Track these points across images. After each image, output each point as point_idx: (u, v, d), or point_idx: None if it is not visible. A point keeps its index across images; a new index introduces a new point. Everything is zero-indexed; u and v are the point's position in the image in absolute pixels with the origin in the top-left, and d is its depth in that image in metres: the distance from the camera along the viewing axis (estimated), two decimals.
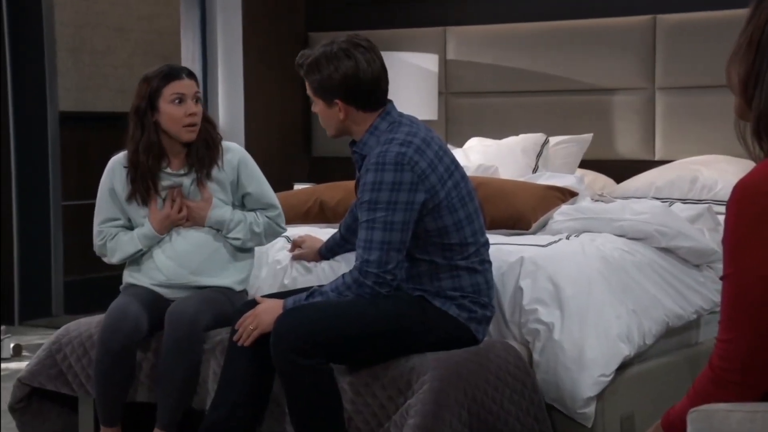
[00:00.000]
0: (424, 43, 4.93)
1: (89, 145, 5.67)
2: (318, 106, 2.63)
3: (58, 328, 3.07)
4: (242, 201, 2.93)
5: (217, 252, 2.90)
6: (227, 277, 2.91)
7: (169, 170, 2.88)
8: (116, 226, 2.91)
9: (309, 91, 2.63)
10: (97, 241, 2.93)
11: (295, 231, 3.31)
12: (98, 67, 5.94)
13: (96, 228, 2.93)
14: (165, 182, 2.88)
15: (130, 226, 2.91)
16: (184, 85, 2.83)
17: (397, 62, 4.51)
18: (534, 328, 2.82)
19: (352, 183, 3.27)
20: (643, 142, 4.54)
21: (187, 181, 2.89)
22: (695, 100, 4.42)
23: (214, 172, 2.88)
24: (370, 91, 2.59)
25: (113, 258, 2.91)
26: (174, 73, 2.84)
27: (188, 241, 2.88)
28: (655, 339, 2.98)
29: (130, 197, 2.87)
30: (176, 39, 5.28)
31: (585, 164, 4.45)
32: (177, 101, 2.82)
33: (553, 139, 4.44)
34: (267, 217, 2.93)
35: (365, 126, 2.61)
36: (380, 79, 2.60)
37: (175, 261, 2.88)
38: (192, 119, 2.83)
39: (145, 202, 2.86)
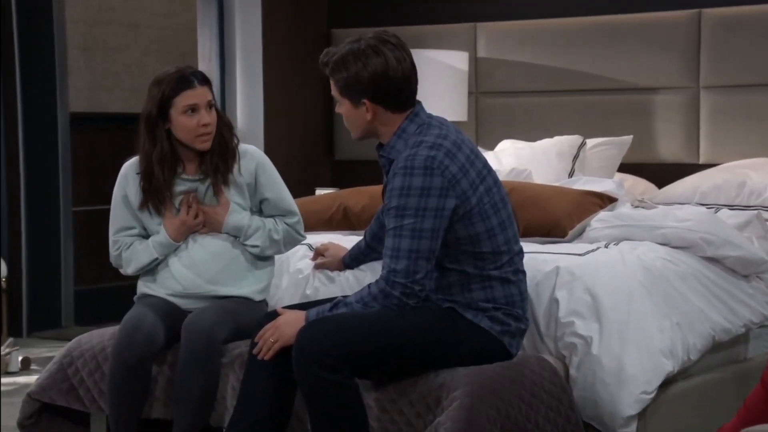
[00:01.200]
0: (453, 39, 4.94)
1: (101, 147, 5.72)
2: (343, 107, 2.65)
3: (68, 340, 3.09)
4: (260, 207, 2.95)
5: (235, 260, 2.92)
6: (246, 286, 2.93)
7: (184, 175, 2.90)
8: (131, 235, 2.94)
9: (334, 91, 2.64)
10: (112, 251, 2.95)
11: (318, 238, 3.32)
12: (111, 66, 5.98)
13: (111, 238, 2.95)
14: (180, 187, 2.90)
15: (146, 235, 2.94)
16: (196, 95, 2.84)
17: (424, 60, 4.52)
18: (571, 341, 2.81)
19: (377, 188, 3.28)
20: (687, 145, 4.53)
21: (203, 186, 2.91)
22: (742, 100, 4.40)
23: (232, 176, 2.89)
24: (399, 90, 2.60)
25: (129, 269, 2.93)
26: (186, 81, 2.84)
27: (205, 249, 2.90)
28: (701, 354, 2.97)
29: (142, 206, 2.89)
30: (192, 36, 5.32)
31: (624, 168, 4.44)
32: (189, 111, 2.84)
33: (591, 142, 4.43)
34: (286, 224, 2.95)
35: (393, 128, 2.63)
36: (410, 78, 2.61)
37: (192, 270, 2.90)
38: (205, 129, 2.85)
39: (159, 211, 2.88)
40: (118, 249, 2.94)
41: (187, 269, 2.89)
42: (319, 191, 4.63)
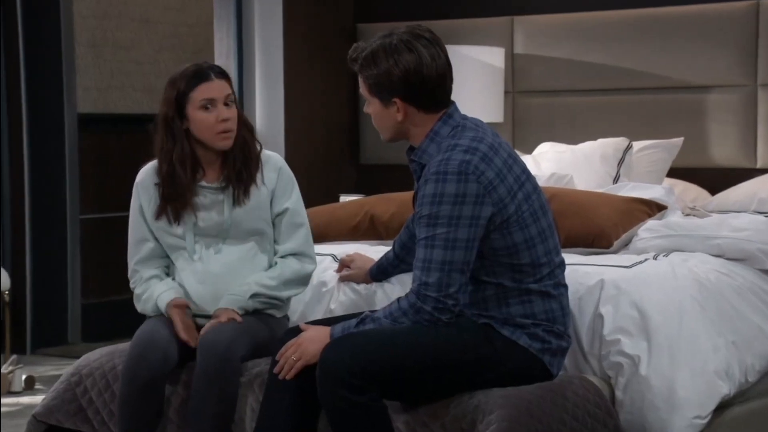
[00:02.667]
0: (488, 35, 4.94)
1: (111, 150, 5.75)
2: (373, 106, 2.65)
3: (75, 357, 3.12)
4: (273, 223, 2.94)
5: (255, 272, 2.92)
6: None
7: (204, 183, 2.92)
8: (148, 258, 2.92)
9: (363, 89, 2.65)
10: (130, 278, 2.97)
11: (343, 249, 3.33)
12: (121, 64, 6.02)
13: (130, 261, 2.94)
14: (200, 197, 2.91)
15: (161, 251, 2.94)
16: (213, 88, 2.85)
17: (457, 57, 4.49)
18: (616, 361, 2.80)
19: (407, 195, 3.28)
20: (743, 147, 4.50)
21: (222, 196, 2.91)
22: None
23: (255, 185, 2.90)
24: (433, 89, 2.60)
25: (137, 304, 2.95)
26: (201, 74, 2.85)
27: (223, 260, 2.91)
28: (760, 376, 2.95)
29: (160, 214, 2.90)
30: (208, 32, 5.35)
31: (675, 173, 4.42)
32: (207, 106, 2.85)
33: (637, 144, 4.42)
34: (292, 254, 2.92)
35: (425, 129, 2.63)
36: (445, 77, 2.62)
37: (208, 285, 2.90)
38: (225, 125, 2.86)
39: (178, 218, 2.89)
40: (134, 282, 2.96)
41: (203, 285, 2.90)
42: (344, 198, 4.64)
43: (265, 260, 2.95)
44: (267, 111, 5.04)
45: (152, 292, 2.91)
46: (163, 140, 2.87)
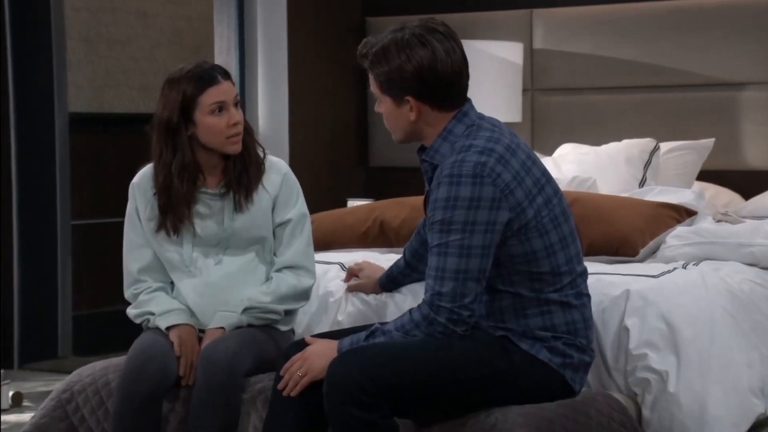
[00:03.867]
0: (505, 28, 4.94)
1: (105, 152, 5.77)
2: (384, 105, 2.66)
3: (67, 372, 3.13)
4: (273, 234, 2.94)
5: (257, 282, 2.93)
6: None
7: (204, 189, 2.92)
8: (153, 266, 2.92)
9: (374, 87, 2.66)
10: (130, 288, 2.94)
11: (351, 257, 3.34)
12: (116, 60, 6.04)
13: (131, 270, 2.93)
14: (200, 206, 2.91)
15: (158, 263, 2.95)
16: (223, 91, 2.86)
17: (472, 52, 4.47)
18: (643, 377, 2.80)
19: (419, 199, 3.29)
20: None
21: (223, 203, 2.91)
22: None
23: (257, 191, 2.90)
24: (448, 86, 2.61)
25: (132, 310, 2.93)
26: (209, 76, 2.85)
27: (223, 273, 2.90)
28: None
29: (160, 228, 2.90)
30: (208, 26, 5.36)
31: (705, 176, 4.42)
32: (217, 111, 2.85)
33: (665, 146, 4.41)
34: (288, 267, 2.92)
35: (439, 128, 2.64)
36: (461, 73, 2.62)
37: (208, 298, 2.91)
38: (236, 129, 2.87)
39: (177, 230, 2.90)
40: (137, 288, 2.93)
41: (202, 298, 2.91)
42: (352, 202, 4.65)
43: (268, 270, 2.96)
44: (270, 110, 5.05)
45: (163, 299, 2.90)
46: (162, 149, 2.87)
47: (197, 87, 2.84)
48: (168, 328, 2.86)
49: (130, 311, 2.96)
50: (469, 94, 2.69)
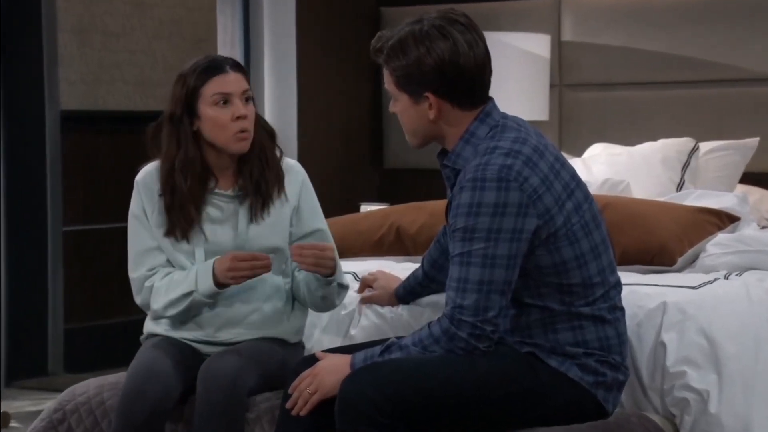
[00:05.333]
0: (531, 19, 4.95)
1: (100, 153, 5.78)
2: (400, 104, 2.66)
3: (58, 390, 3.14)
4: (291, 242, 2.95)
5: (273, 295, 2.94)
6: (278, 325, 2.96)
7: (218, 190, 2.93)
8: (164, 265, 2.91)
9: (389, 84, 2.66)
10: (138, 283, 2.91)
11: (365, 266, 3.35)
12: (111, 53, 6.05)
13: (135, 271, 2.91)
14: (212, 209, 2.92)
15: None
16: (228, 81, 2.87)
17: (495, 45, 4.47)
18: (682, 397, 2.80)
19: (440, 204, 3.30)
20: None
21: (239, 207, 2.92)
22: None
23: (273, 200, 2.90)
24: (471, 81, 2.62)
25: (156, 304, 2.88)
26: (215, 66, 2.87)
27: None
28: None
29: (168, 233, 2.89)
30: (210, 17, 5.38)
31: (748, 178, 4.41)
32: (221, 102, 2.87)
33: (705, 146, 4.41)
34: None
35: (460, 129, 2.65)
36: (484, 68, 2.63)
37: (219, 309, 2.91)
38: (242, 124, 2.87)
39: (186, 236, 2.90)
40: (151, 281, 2.90)
41: (213, 309, 2.91)
42: (366, 207, 4.65)
43: (281, 282, 2.97)
44: (277, 108, 5.06)
45: (181, 274, 2.87)
46: (168, 142, 2.88)
47: (201, 77, 2.86)
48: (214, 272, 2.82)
49: (155, 306, 2.88)
50: (492, 91, 2.70)
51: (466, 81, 2.61)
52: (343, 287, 2.96)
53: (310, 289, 2.93)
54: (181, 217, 2.88)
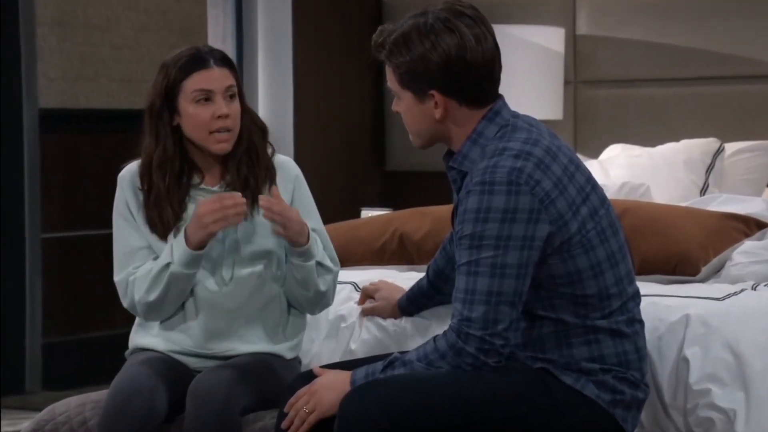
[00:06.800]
0: (544, 11, 4.95)
1: (81, 155, 5.79)
2: (404, 102, 2.66)
3: (36, 409, 3.15)
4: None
5: (268, 300, 2.94)
6: (273, 338, 2.96)
7: (204, 186, 2.94)
8: (144, 258, 2.91)
9: (392, 82, 2.67)
10: (122, 283, 2.91)
11: (366, 275, 3.35)
12: (94, 48, 6.06)
13: (119, 272, 2.91)
14: (194, 207, 2.90)
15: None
16: (211, 77, 2.87)
17: (506, 39, 4.53)
18: (706, 416, 2.81)
19: (445, 209, 3.30)
20: None
21: None
22: None
23: (268, 195, 2.90)
24: (479, 78, 2.62)
25: (137, 294, 2.86)
26: (198, 60, 2.87)
27: (226, 290, 2.91)
28: None
29: (152, 229, 2.90)
30: (201, 8, 5.38)
31: None
32: (202, 99, 2.87)
33: (731, 146, 4.41)
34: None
35: (468, 129, 2.65)
36: (494, 62, 2.63)
37: (209, 318, 2.91)
38: (223, 123, 2.87)
39: (166, 236, 2.91)
40: (133, 275, 2.89)
41: (201, 318, 2.92)
42: (366, 212, 4.66)
43: (277, 291, 2.97)
44: (272, 107, 5.07)
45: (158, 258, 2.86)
46: (148, 137, 2.89)
47: (183, 70, 2.86)
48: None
49: (137, 296, 2.87)
50: (502, 89, 2.70)
51: (474, 78, 2.61)
52: (325, 268, 2.91)
53: (292, 273, 2.91)
54: (160, 217, 2.89)
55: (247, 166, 2.91)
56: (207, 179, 2.94)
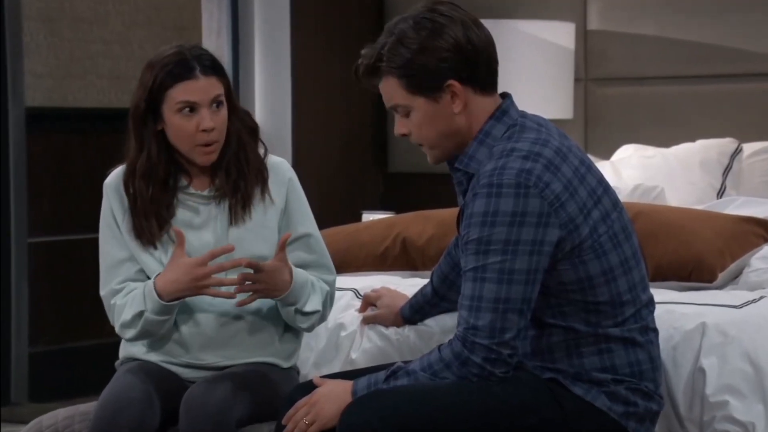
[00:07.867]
0: (553, 6, 4.96)
1: (69, 155, 5.79)
2: (417, 113, 2.63)
3: (22, 422, 3.15)
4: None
5: (265, 312, 2.94)
6: (269, 348, 2.97)
7: (191, 190, 2.95)
8: (136, 273, 2.92)
9: (398, 95, 2.62)
10: (110, 298, 2.91)
11: (368, 282, 3.36)
12: (83, 44, 6.06)
13: (104, 286, 2.92)
14: (185, 212, 2.93)
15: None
16: (196, 88, 2.85)
17: (514, 35, 4.55)
18: (723, 429, 2.81)
19: (450, 213, 3.31)
20: None
21: (216, 209, 2.93)
22: None
23: (256, 202, 2.92)
24: (487, 61, 2.62)
25: (116, 324, 2.90)
26: (184, 68, 2.85)
27: (218, 299, 2.92)
28: None
29: (137, 237, 2.91)
30: (194, 3, 5.38)
31: None
32: (186, 110, 2.86)
33: (749, 147, 4.42)
34: (324, 281, 2.96)
35: (478, 126, 2.64)
36: (494, 47, 2.64)
37: (202, 328, 2.92)
38: (208, 137, 2.87)
39: (152, 243, 2.92)
40: (116, 297, 2.91)
41: (193, 328, 2.93)
42: (368, 216, 4.66)
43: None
44: (269, 107, 5.07)
45: (140, 290, 2.88)
46: (131, 140, 2.89)
47: (168, 78, 2.85)
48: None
49: (116, 327, 2.89)
50: (510, 87, 2.71)
51: (484, 60, 2.61)
52: (307, 314, 2.91)
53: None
54: (147, 226, 2.89)
55: (237, 170, 2.91)
56: (195, 183, 2.94)
